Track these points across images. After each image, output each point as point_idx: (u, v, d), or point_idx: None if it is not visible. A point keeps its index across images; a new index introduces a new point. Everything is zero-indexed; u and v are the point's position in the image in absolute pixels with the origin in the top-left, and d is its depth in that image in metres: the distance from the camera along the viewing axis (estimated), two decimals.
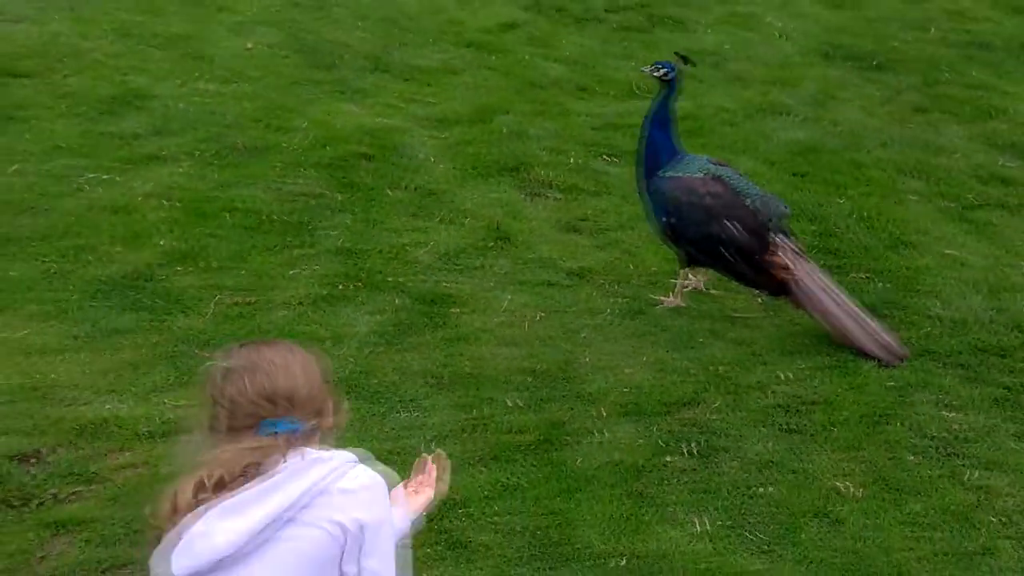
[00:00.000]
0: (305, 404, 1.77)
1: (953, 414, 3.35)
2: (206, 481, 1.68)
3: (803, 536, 2.89)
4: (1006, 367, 3.56)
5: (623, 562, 2.80)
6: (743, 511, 2.99)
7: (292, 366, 1.78)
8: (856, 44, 6.54)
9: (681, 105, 5.56)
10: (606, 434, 3.30)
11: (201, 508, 1.66)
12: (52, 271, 4.08)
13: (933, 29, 6.71)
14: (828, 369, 3.57)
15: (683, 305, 3.91)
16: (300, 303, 3.91)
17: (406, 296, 3.95)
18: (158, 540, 1.70)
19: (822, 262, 4.13)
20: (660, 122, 3.80)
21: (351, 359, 3.59)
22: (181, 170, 4.85)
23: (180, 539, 1.68)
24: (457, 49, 6.54)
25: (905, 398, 3.41)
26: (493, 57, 6.42)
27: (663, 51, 6.42)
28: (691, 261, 3.81)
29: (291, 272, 4.11)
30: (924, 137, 5.29)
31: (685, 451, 3.21)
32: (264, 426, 1.72)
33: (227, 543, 1.65)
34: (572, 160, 5.05)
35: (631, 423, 3.35)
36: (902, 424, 3.30)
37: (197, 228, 4.39)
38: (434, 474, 2.04)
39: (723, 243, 3.57)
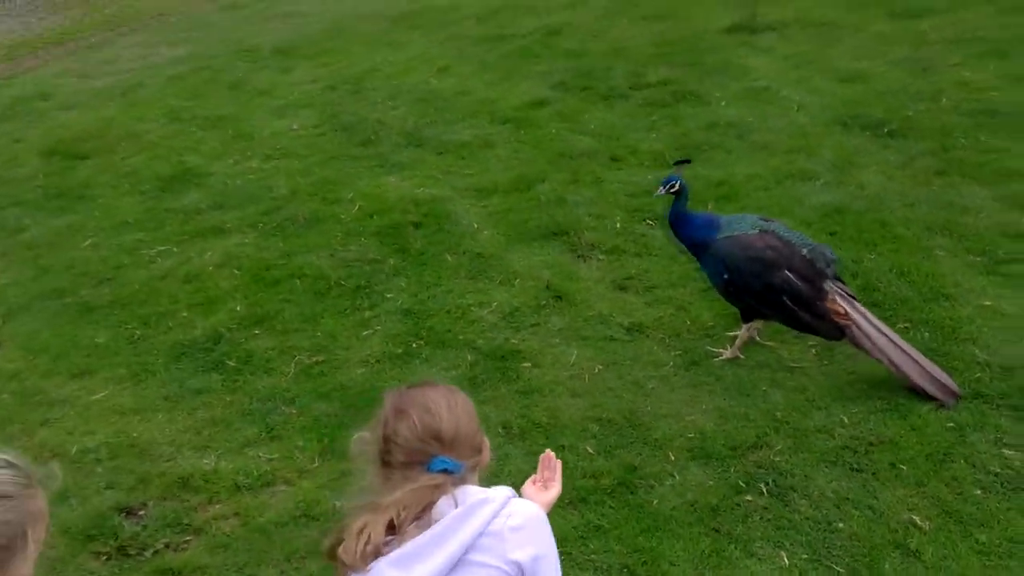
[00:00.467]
0: (466, 442, 1.91)
1: (1012, 452, 3.50)
2: (395, 520, 1.79)
3: (885, 567, 3.02)
4: None
5: None
6: (823, 545, 3.12)
7: (455, 407, 1.91)
8: (869, 114, 6.86)
9: (713, 174, 5.91)
10: (677, 477, 3.46)
11: (385, 551, 1.77)
12: (135, 336, 4.29)
13: (944, 99, 7.07)
14: (885, 412, 3.73)
15: (741, 357, 4.10)
16: (377, 361, 4.10)
17: (477, 352, 4.15)
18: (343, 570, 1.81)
19: None
20: (682, 221, 3.98)
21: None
22: (246, 241, 5.10)
23: None
24: (487, 125, 6.88)
25: (964, 438, 3.57)
26: (522, 131, 6.75)
27: (687, 124, 6.78)
28: (752, 314, 4.01)
29: (363, 333, 4.31)
30: (946, 198, 5.55)
31: (758, 490, 3.36)
32: (435, 463, 1.85)
33: None
34: (613, 224, 5.30)
35: (700, 466, 3.51)
36: (965, 461, 3.45)
37: (268, 294, 4.61)
38: (559, 471, 2.16)
39: (784, 293, 3.78)
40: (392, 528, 1.80)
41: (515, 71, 8.08)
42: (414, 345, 4.20)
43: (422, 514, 1.81)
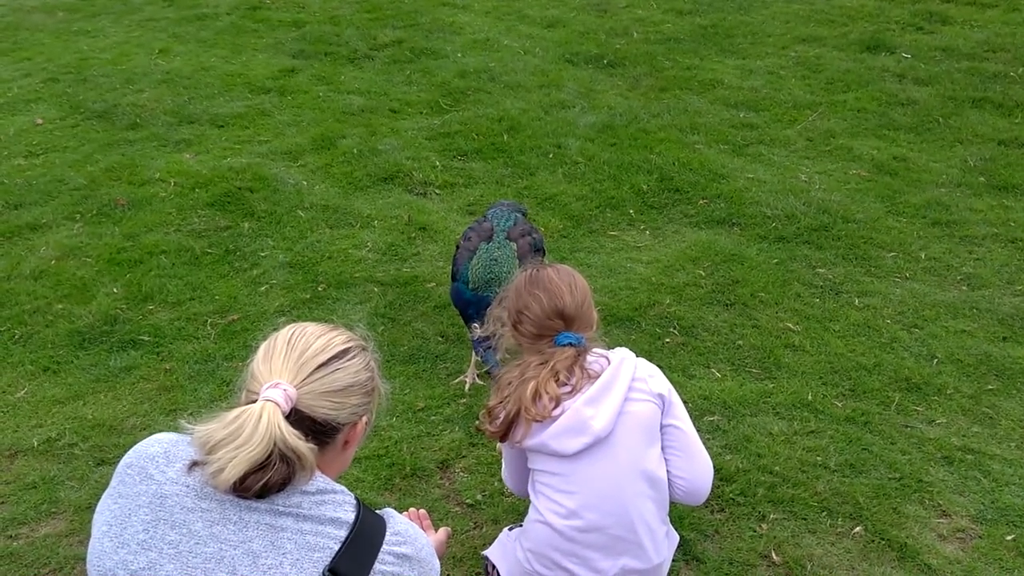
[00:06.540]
0: (585, 319, 2.34)
1: (822, 270, 4.58)
2: (561, 378, 2.24)
3: (784, 361, 3.90)
4: (832, 236, 4.88)
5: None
6: (736, 358, 3.93)
7: (575, 290, 2.33)
8: (586, 51, 7.89)
9: (491, 112, 6.52)
10: (607, 339, 4.07)
11: (566, 401, 2.21)
12: (16, 336, 3.97)
13: (634, 33, 8.30)
14: (727, 263, 4.65)
15: None
16: (291, 307, 4.21)
17: (381, 284, 4.41)
18: (528, 424, 2.22)
19: (673, 200, 5.29)
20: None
21: (373, 337, 3.98)
22: (75, 231, 4.81)
23: (559, 425, 2.20)
24: (250, 96, 6.89)
25: (787, 267, 4.59)
26: (289, 97, 6.86)
27: (440, 75, 7.30)
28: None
29: (261, 289, 4.36)
30: (679, 107, 6.68)
31: (672, 334, 4.10)
32: (561, 338, 2.28)
33: (606, 422, 2.20)
34: (432, 163, 5.72)
35: (619, 328, 4.16)
36: (798, 283, 4.46)
37: (138, 273, 4.45)
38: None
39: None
40: (563, 383, 2.24)
41: (243, 45, 8.04)
42: (320, 289, 4.36)
43: (580, 370, 2.26)
